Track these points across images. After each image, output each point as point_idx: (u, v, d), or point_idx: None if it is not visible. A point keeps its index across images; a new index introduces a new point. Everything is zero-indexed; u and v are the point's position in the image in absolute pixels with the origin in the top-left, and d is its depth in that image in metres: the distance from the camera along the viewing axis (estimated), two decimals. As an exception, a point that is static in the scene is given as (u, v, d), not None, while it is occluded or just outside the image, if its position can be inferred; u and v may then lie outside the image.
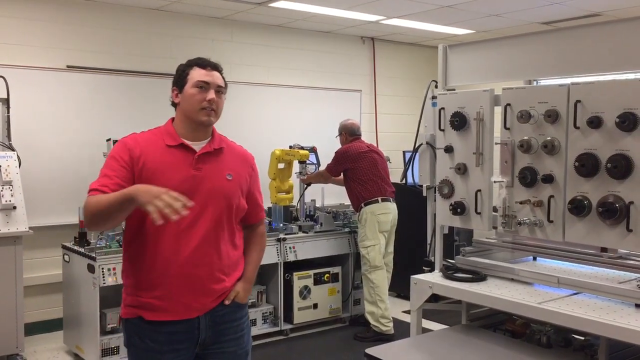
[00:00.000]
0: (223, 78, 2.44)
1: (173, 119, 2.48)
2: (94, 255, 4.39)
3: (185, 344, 2.36)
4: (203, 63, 2.41)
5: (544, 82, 3.60)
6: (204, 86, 2.36)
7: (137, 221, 2.33)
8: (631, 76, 2.89)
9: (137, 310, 2.35)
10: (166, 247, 2.30)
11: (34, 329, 5.27)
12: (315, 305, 5.51)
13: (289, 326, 5.36)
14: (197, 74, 2.38)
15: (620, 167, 2.67)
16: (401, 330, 5.18)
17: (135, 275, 2.37)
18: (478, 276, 3.25)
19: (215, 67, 2.42)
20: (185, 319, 2.34)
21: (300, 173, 5.57)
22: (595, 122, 2.75)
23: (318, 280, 5.51)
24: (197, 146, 2.40)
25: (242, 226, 2.55)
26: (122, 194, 2.15)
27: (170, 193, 2.06)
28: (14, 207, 4.44)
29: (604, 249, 3.13)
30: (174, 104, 2.46)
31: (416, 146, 3.65)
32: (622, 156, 2.67)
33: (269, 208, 5.37)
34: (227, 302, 2.42)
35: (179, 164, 2.34)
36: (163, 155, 2.35)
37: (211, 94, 2.36)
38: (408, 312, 3.64)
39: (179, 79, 2.41)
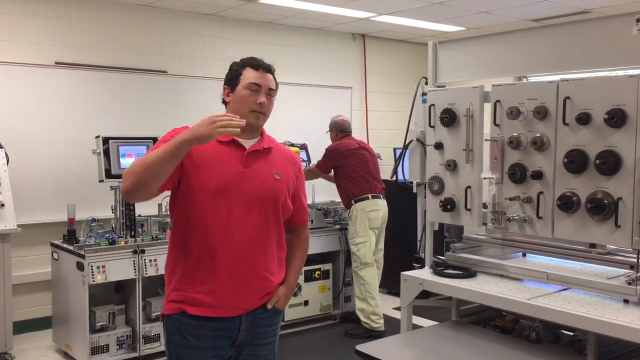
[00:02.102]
0: (275, 79, 2.43)
1: None
2: (83, 252, 4.36)
3: (224, 342, 2.36)
4: (256, 64, 2.39)
5: (533, 78, 3.62)
6: (256, 88, 2.35)
7: (185, 217, 2.33)
8: (620, 73, 2.90)
9: (180, 305, 2.33)
10: (214, 243, 2.30)
11: (23, 327, 5.24)
12: (306, 302, 5.51)
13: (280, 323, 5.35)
14: (249, 75, 2.36)
15: (609, 163, 2.68)
16: (392, 326, 5.18)
17: (181, 271, 2.35)
18: (468, 272, 3.26)
19: (268, 69, 2.41)
20: (228, 317, 2.33)
21: (290, 170, 5.56)
22: (584, 119, 2.76)
23: (309, 277, 5.51)
24: (247, 144, 2.39)
25: (286, 229, 2.53)
26: (173, 141, 2.10)
27: (218, 115, 2.11)
28: (2, 205, 4.42)
29: (592, 245, 3.14)
30: (225, 102, 2.45)
31: (406, 143, 3.66)
32: (610, 152, 2.69)
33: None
34: (269, 307, 2.42)
35: (229, 160, 2.34)
36: (213, 149, 2.33)
37: (262, 97, 2.35)
38: (398, 308, 3.65)
39: (231, 79, 2.40)
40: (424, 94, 3.59)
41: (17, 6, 5.29)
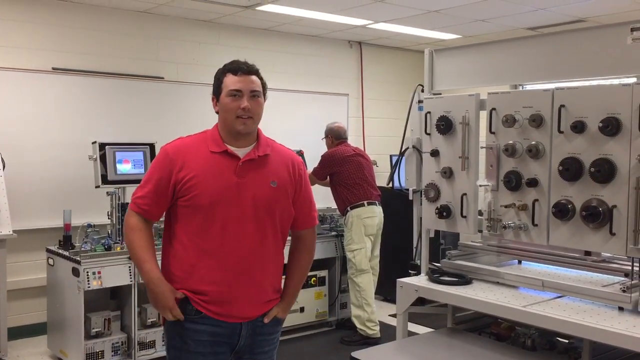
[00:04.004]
0: (260, 78, 2.40)
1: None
2: (78, 258, 4.35)
3: (224, 348, 2.36)
4: (235, 68, 2.36)
5: (528, 86, 3.63)
6: (237, 94, 2.33)
7: (179, 230, 2.34)
8: (614, 81, 2.92)
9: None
10: (210, 256, 2.30)
11: (18, 333, 5.21)
12: (301, 309, 5.50)
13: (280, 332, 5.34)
14: (229, 82, 2.34)
15: (603, 171, 2.69)
16: (387, 333, 5.19)
17: (178, 280, 2.35)
18: (463, 279, 3.26)
19: (249, 71, 2.37)
20: (228, 322, 2.34)
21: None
22: (578, 127, 2.77)
23: (304, 284, 5.47)
24: (242, 152, 2.37)
25: (291, 233, 2.52)
26: (141, 271, 2.34)
27: (172, 310, 2.30)
28: (-2, 210, 4.41)
29: (587, 253, 3.15)
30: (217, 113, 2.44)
31: (402, 150, 3.67)
32: (605, 160, 2.70)
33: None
34: (266, 321, 2.43)
35: (222, 171, 2.32)
36: (207, 162, 2.32)
37: (244, 102, 2.32)
38: (394, 315, 3.65)
39: (216, 88, 2.39)
40: (420, 101, 3.60)
41: (14, 12, 5.29)
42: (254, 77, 2.38)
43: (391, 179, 3.95)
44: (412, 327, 3.98)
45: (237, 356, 2.41)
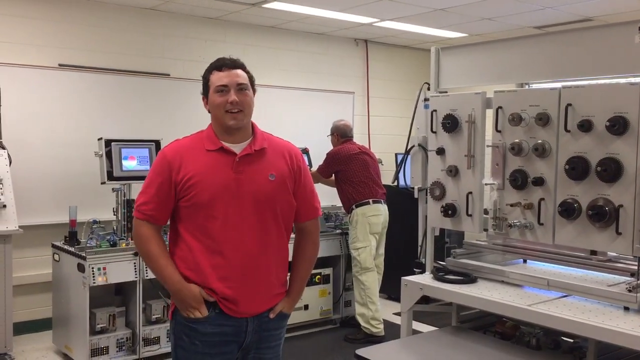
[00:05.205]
0: (247, 72, 2.40)
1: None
2: (84, 254, 4.37)
3: (232, 346, 2.37)
4: (220, 65, 2.38)
5: (535, 85, 3.62)
6: (223, 89, 2.34)
7: (182, 228, 2.34)
8: (622, 80, 2.91)
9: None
10: (214, 253, 2.30)
11: (23, 328, 5.23)
12: (306, 307, 5.51)
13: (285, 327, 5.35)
14: (215, 79, 2.37)
15: (610, 170, 2.68)
16: (392, 331, 5.18)
17: (184, 275, 2.35)
18: (468, 278, 3.26)
19: (233, 65, 2.38)
20: (235, 317, 2.34)
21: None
22: (585, 126, 2.76)
23: (309, 282, 5.50)
24: (238, 148, 2.37)
25: (295, 226, 2.52)
26: (163, 278, 2.34)
27: (200, 310, 2.30)
28: (4, 206, 4.42)
29: (593, 252, 3.14)
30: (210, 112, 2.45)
31: (408, 148, 3.66)
32: (611, 160, 2.69)
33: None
34: (272, 316, 2.43)
35: (220, 168, 2.32)
36: (204, 160, 2.33)
37: (231, 96, 2.33)
38: (399, 314, 3.65)
39: (204, 87, 2.42)
40: (426, 99, 3.59)
41: (20, 8, 5.31)
42: (239, 71, 2.38)
43: (396, 177, 3.95)
44: (417, 325, 3.98)
45: (244, 353, 2.41)
